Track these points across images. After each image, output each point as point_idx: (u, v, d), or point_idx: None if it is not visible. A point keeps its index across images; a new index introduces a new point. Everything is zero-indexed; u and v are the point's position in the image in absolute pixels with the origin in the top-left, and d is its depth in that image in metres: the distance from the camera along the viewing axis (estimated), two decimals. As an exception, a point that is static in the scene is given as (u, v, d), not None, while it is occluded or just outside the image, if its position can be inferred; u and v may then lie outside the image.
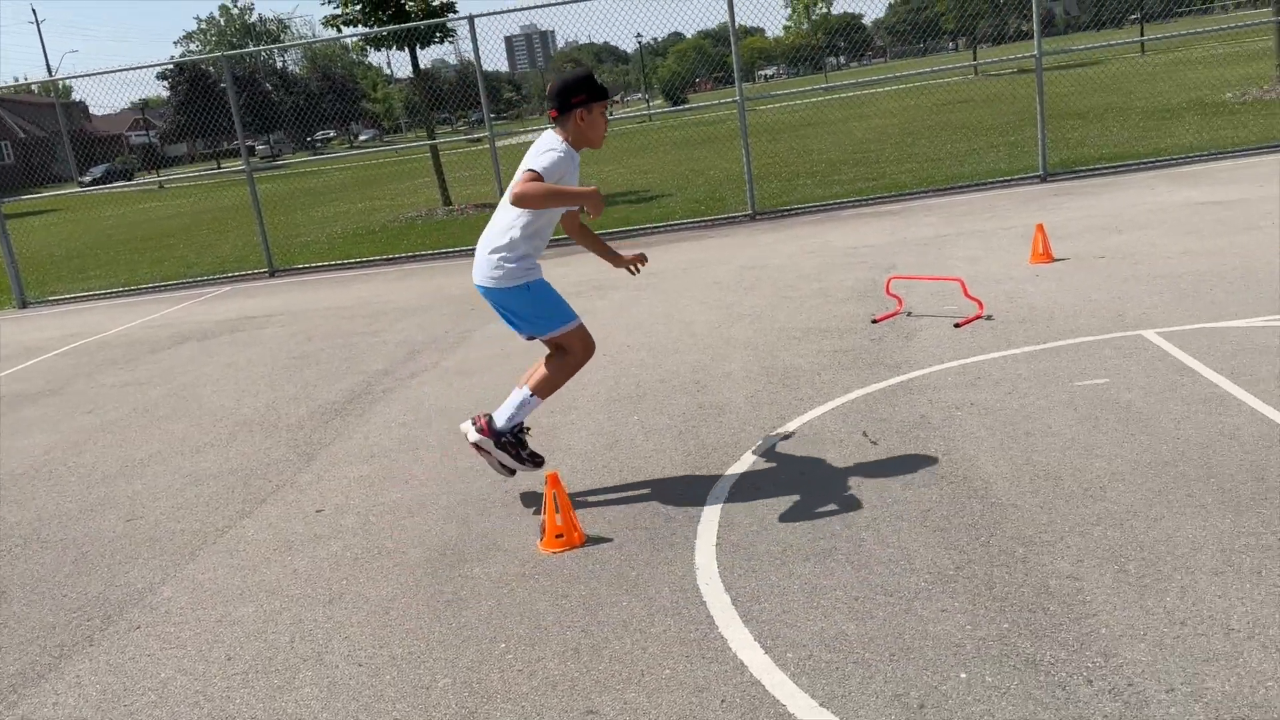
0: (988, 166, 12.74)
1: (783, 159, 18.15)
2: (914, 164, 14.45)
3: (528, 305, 3.88)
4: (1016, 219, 8.98)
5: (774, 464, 4.11)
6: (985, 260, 7.45)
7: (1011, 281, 6.66)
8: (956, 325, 5.79)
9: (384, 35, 15.01)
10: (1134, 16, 51.75)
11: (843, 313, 6.50)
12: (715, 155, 20.09)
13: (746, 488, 3.90)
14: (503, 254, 3.81)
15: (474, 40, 11.38)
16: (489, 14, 11.74)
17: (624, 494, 4.01)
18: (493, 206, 14.71)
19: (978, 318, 5.87)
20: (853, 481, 3.82)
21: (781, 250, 9.25)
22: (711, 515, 3.70)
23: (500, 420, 3.92)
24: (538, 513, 3.89)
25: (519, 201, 3.55)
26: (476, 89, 11.83)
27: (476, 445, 3.94)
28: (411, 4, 15.17)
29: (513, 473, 4.04)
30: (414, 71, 15.87)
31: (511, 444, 3.94)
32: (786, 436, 4.41)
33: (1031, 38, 11.30)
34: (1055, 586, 2.88)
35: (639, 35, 42.62)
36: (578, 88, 3.77)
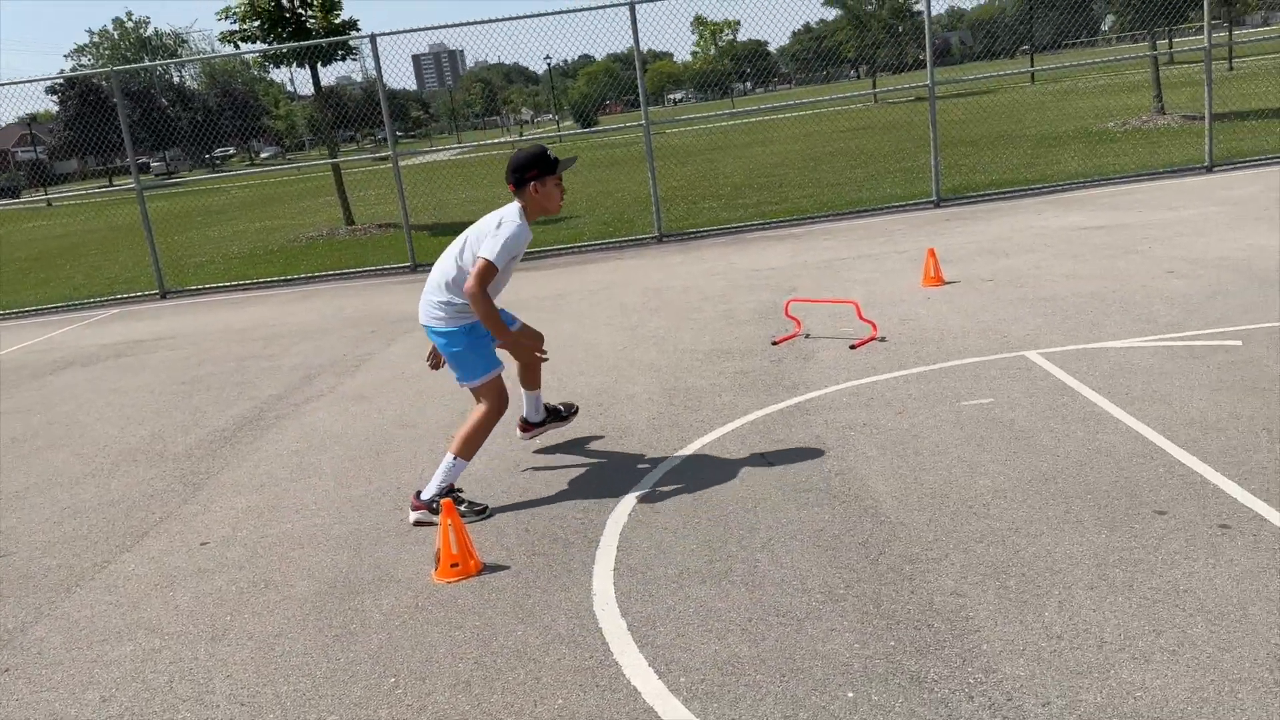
0: (885, 192, 13.12)
1: (690, 182, 18.37)
2: (815, 188, 14.79)
3: (465, 347, 4.16)
4: (910, 243, 9.26)
5: (673, 486, 4.13)
6: (880, 283, 7.65)
7: (904, 304, 6.85)
8: (852, 347, 5.92)
9: (283, 53, 14.69)
10: (1025, 48, 54.21)
11: (745, 334, 6.59)
12: (624, 177, 20.23)
13: (646, 511, 3.91)
14: (447, 300, 4.13)
15: (376, 59, 11.23)
16: (391, 33, 11.61)
17: (524, 519, 3.97)
18: (396, 226, 14.56)
19: (872, 339, 6.02)
20: (749, 503, 3.86)
21: (687, 272, 9.34)
22: (610, 539, 3.69)
23: (429, 492, 4.05)
24: (433, 541, 3.82)
25: (466, 296, 3.95)
26: (380, 107, 11.66)
27: (417, 524, 4.05)
28: (313, 21, 14.89)
29: (482, 514, 4.07)
30: (315, 89, 15.57)
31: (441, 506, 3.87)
32: (686, 459, 4.44)
33: (925, 68, 11.70)
34: (940, 603, 2.96)
35: (548, 57, 42.70)
36: (530, 164, 4.07)
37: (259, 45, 14.98)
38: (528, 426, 4.78)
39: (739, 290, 8.14)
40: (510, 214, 4.09)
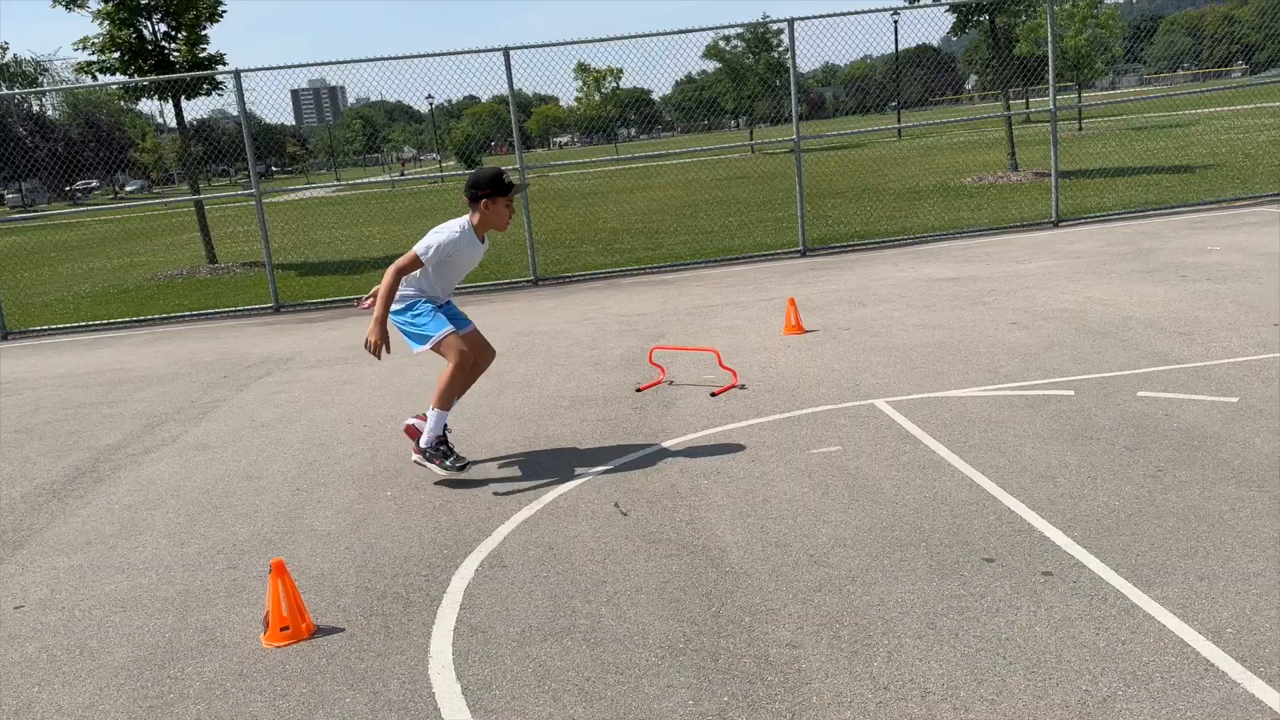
0: (755, 240, 13.46)
1: (570, 226, 18.46)
2: (691, 235, 15.05)
3: (406, 323, 4.77)
4: (777, 291, 9.50)
5: (525, 539, 4.06)
6: (745, 330, 7.80)
7: (765, 352, 6.99)
8: (713, 394, 6.00)
9: (144, 86, 14.14)
10: (893, 104, 56.90)
11: (611, 381, 6.60)
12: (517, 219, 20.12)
13: (494, 566, 3.83)
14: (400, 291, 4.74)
15: (239, 95, 10.90)
16: (257, 70, 11.32)
17: (364, 577, 3.83)
18: (261, 265, 14.08)
19: (732, 387, 6.11)
20: (599, 555, 3.83)
21: (559, 317, 9.32)
22: (454, 597, 3.59)
23: (424, 441, 4.79)
24: (265, 603, 3.64)
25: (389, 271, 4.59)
26: (256, 142, 11.31)
27: (417, 463, 4.86)
28: (177, 55, 14.40)
29: (462, 469, 4.81)
30: (178, 124, 15.02)
31: (436, 455, 4.78)
32: (541, 510, 4.38)
33: (806, 120, 12.11)
34: (775, 655, 2.97)
35: (430, 97, 42.37)
36: (485, 184, 4.63)
37: (119, 77, 14.40)
38: (418, 451, 4.91)
39: (609, 336, 8.17)
40: (456, 224, 4.68)
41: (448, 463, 4.78)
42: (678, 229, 16.26)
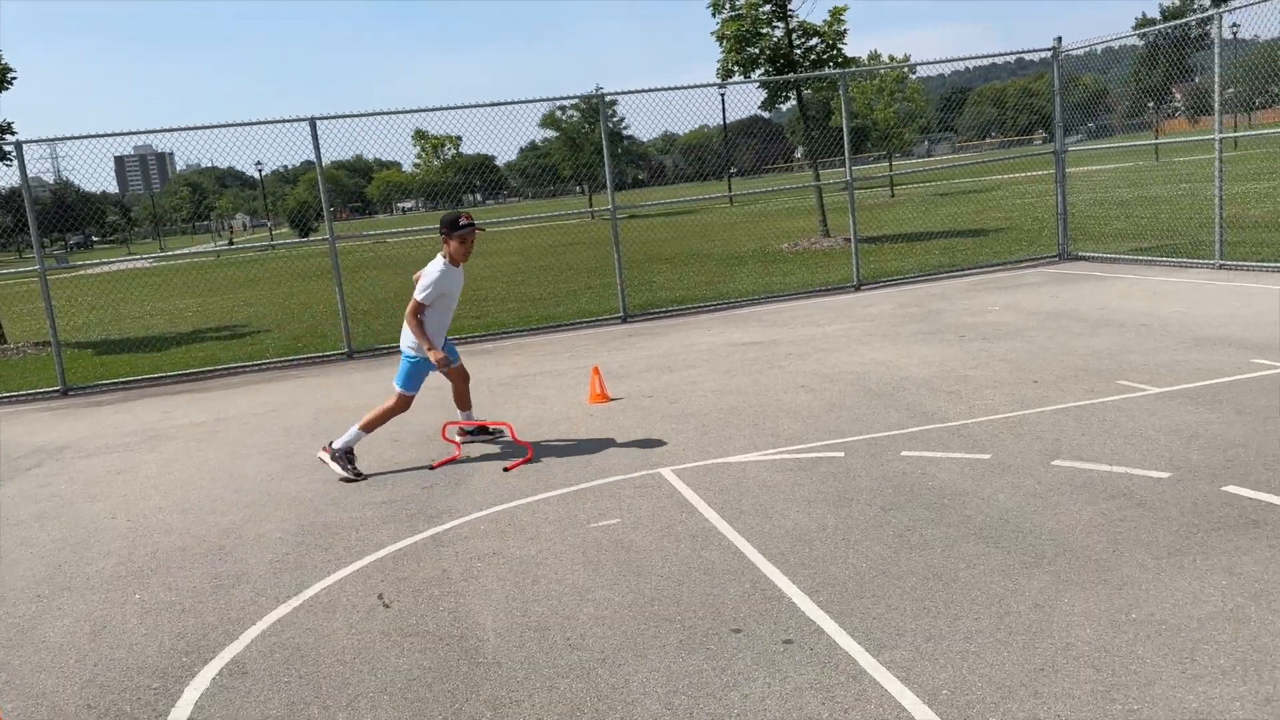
0: (579, 307, 13.56)
1: (399, 294, 18.10)
2: (517, 303, 15.04)
3: (408, 365, 6.32)
4: (592, 358, 9.55)
5: (274, 640, 3.84)
6: (553, 400, 7.79)
7: (569, 421, 6.99)
8: (505, 469, 5.92)
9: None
10: (727, 171, 59.12)
11: (406, 459, 6.43)
12: (334, 288, 19.59)
13: (233, 674, 3.59)
14: (406, 331, 6.28)
15: (22, 167, 10.23)
16: (44, 140, 10.68)
17: (90, 694, 3.52)
18: (48, 344, 13.13)
19: (526, 461, 6.05)
20: (349, 654, 3.66)
21: (368, 391, 9.06)
22: (182, 712, 3.34)
23: (338, 444, 6.17)
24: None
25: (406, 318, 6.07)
26: (73, 211, 10.61)
27: (321, 462, 6.19)
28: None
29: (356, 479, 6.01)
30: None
31: (343, 459, 6.12)
32: (299, 606, 4.17)
33: (648, 186, 12.34)
34: (507, 752, 2.89)
35: (259, 164, 41.18)
36: (443, 226, 6.13)
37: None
38: (463, 434, 6.59)
39: (415, 410, 7.94)
40: (436, 263, 6.11)
41: (353, 471, 6.05)
42: (506, 296, 16.23)
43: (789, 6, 18.16)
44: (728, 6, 18.27)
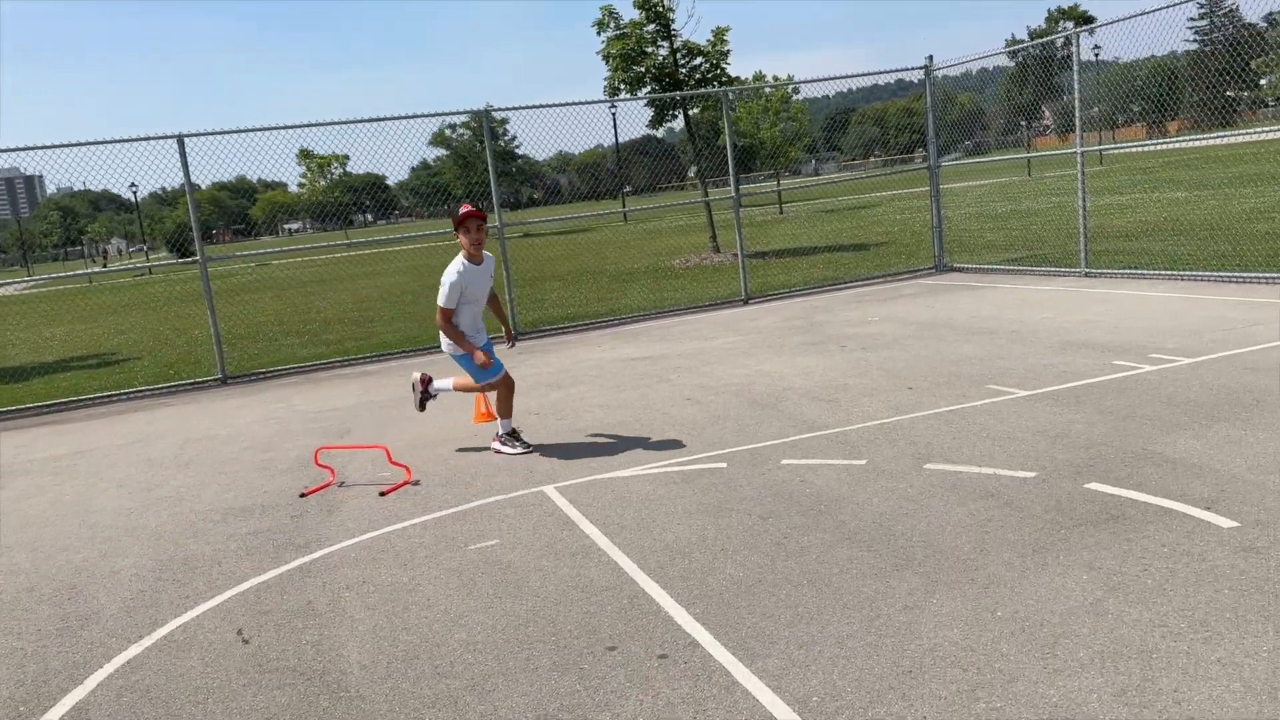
0: (469, 325, 13.32)
1: (280, 316, 17.56)
2: (407, 323, 14.72)
3: (465, 365, 6.29)
4: (478, 378, 9.37)
5: (122, 684, 3.58)
6: (437, 420, 7.59)
7: (451, 442, 6.81)
8: (382, 494, 5.72)
9: None
10: (621, 189, 59.46)
11: (277, 487, 6.15)
12: (218, 312, 18.82)
13: (72, 721, 3.33)
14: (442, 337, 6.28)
15: None
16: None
17: (-97, 755, 3.21)
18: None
19: (405, 484, 5.86)
20: (202, 694, 3.44)
21: (241, 418, 8.69)
22: (10, 766, 3.07)
23: (435, 385, 6.79)
24: None
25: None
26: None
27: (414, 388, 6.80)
28: None
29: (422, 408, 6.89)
30: None
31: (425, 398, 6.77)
32: (151, 647, 3.90)
33: (544, 204, 12.21)
34: (365, 789, 2.74)
35: (133, 186, 39.39)
36: (455, 223, 6.18)
37: None
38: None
39: (289, 436, 7.68)
40: (454, 263, 6.11)
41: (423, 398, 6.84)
42: (396, 316, 15.88)
43: (673, 27, 18.37)
44: (612, 26, 18.37)
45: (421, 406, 6.87)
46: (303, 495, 5.88)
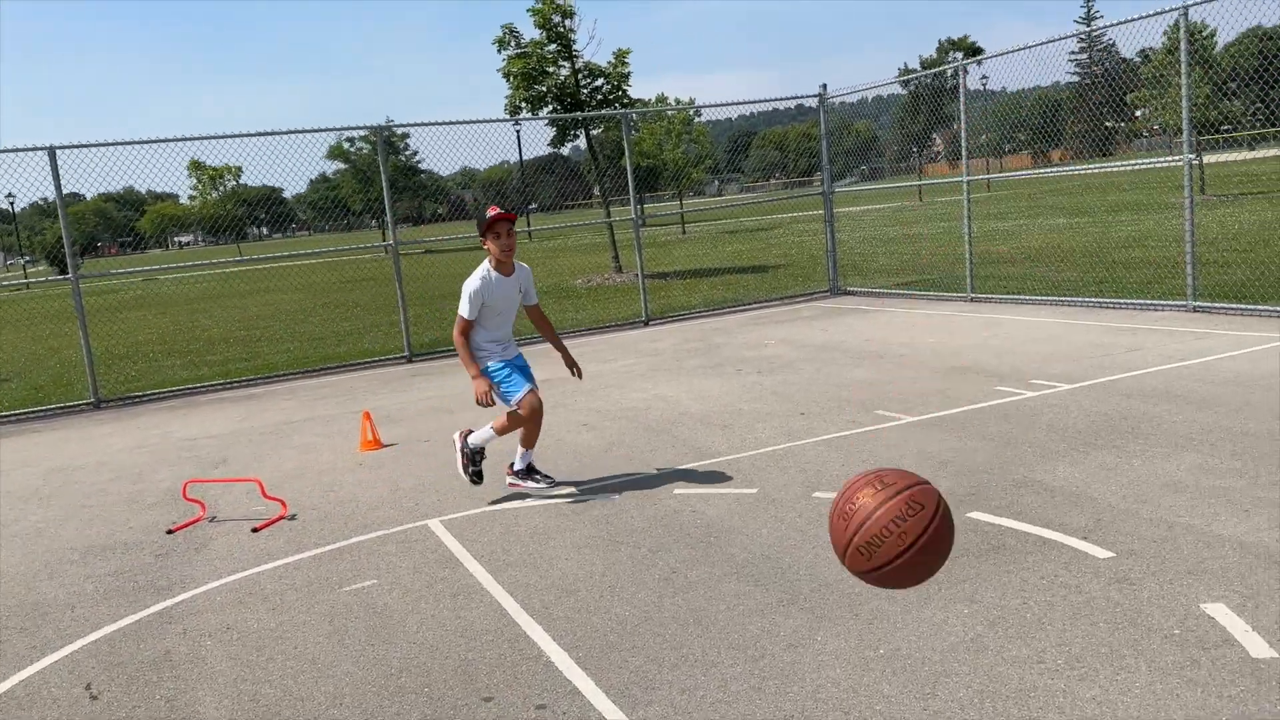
0: (363, 347, 12.98)
1: (162, 335, 16.80)
2: (295, 343, 14.23)
3: (495, 379, 5.44)
4: (371, 402, 9.07)
5: (-56, 752, 3.26)
6: (319, 449, 7.29)
7: (334, 472, 6.54)
8: (255, 530, 5.43)
9: None
10: (528, 207, 59.21)
11: (143, 522, 5.79)
12: (93, 330, 17.88)
13: (-116, 797, 3.00)
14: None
15: None
16: None
17: None
18: None
19: (280, 519, 5.58)
20: (36, 761, 3.15)
21: (112, 445, 8.20)
22: None
23: (474, 439, 5.57)
24: None
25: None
26: None
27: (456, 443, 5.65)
28: None
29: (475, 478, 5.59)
30: None
31: (468, 456, 5.56)
32: (-17, 706, 3.58)
33: (446, 221, 11.93)
34: None
35: (10, 196, 37.41)
36: (480, 230, 5.36)
37: None
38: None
39: (162, 465, 7.27)
40: (478, 271, 5.34)
41: (474, 471, 5.57)
42: (284, 336, 15.34)
43: (574, 48, 18.33)
44: (513, 44, 18.24)
45: (471, 473, 5.58)
46: (170, 532, 5.54)
